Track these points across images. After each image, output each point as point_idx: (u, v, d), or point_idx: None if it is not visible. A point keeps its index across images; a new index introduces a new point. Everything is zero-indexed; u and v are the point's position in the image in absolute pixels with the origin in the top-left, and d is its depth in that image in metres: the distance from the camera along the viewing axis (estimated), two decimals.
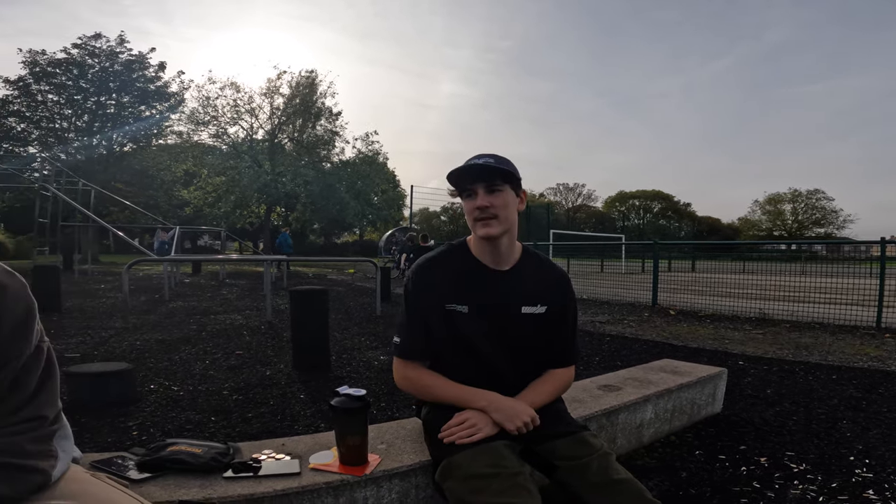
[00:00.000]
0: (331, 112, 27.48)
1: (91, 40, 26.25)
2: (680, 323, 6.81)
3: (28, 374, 0.92)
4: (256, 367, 3.82)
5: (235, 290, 10.02)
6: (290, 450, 1.53)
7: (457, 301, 1.44)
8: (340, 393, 1.40)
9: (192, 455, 1.34)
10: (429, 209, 39.18)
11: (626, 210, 63.77)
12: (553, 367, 1.54)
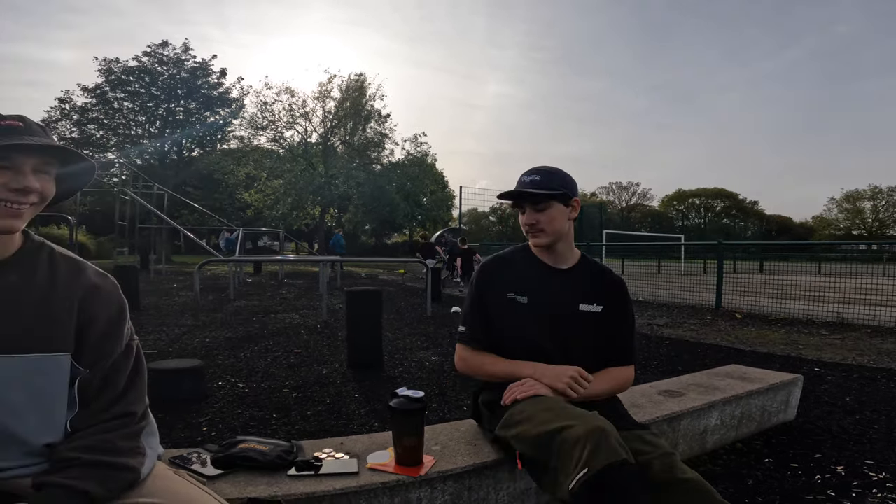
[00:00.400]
0: (380, 114, 28.08)
1: (159, 48, 27.95)
2: (747, 327, 6.44)
3: (118, 372, 0.95)
4: (314, 366, 3.97)
5: (293, 289, 10.44)
6: (348, 449, 1.59)
7: (517, 292, 1.58)
8: (399, 394, 1.43)
9: (259, 453, 1.41)
10: (477, 209, 39.18)
11: (685, 209, 60.91)
12: (611, 366, 1.59)
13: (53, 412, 0.90)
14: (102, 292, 0.96)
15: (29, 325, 0.87)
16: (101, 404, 0.93)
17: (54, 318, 0.90)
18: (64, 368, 0.90)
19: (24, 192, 0.85)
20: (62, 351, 0.90)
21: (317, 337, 5.24)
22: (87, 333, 0.92)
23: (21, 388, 0.86)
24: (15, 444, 0.87)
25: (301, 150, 27.00)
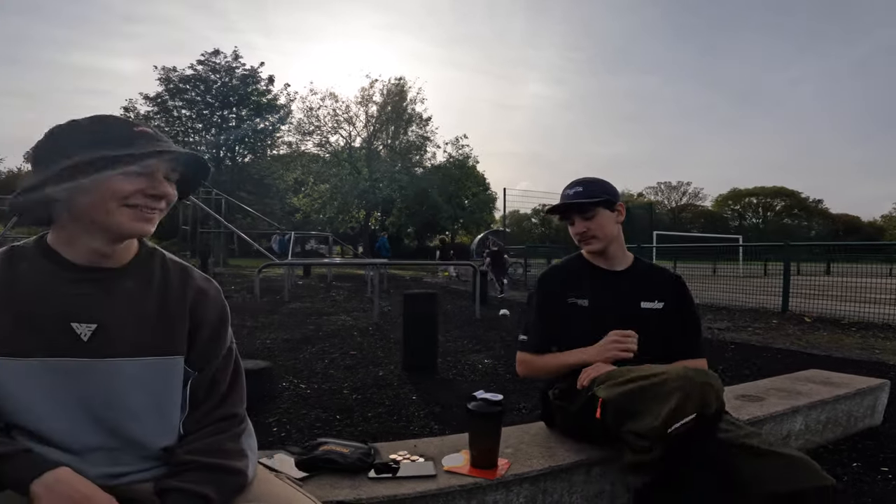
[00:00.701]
0: (421, 118, 28.41)
1: (211, 56, 29.03)
2: (818, 331, 6.07)
3: (222, 375, 0.98)
4: (369, 368, 4.05)
5: (342, 292, 10.68)
6: (422, 451, 1.60)
7: (577, 296, 1.66)
8: (477, 397, 1.44)
9: (341, 455, 1.45)
10: (518, 211, 38.78)
11: (741, 209, 57.99)
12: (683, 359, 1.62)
13: (169, 415, 0.92)
14: (209, 296, 0.99)
15: (147, 328, 0.90)
16: (208, 406, 0.95)
17: (170, 322, 0.92)
18: (178, 371, 0.93)
19: (159, 198, 0.88)
20: (177, 354, 0.92)
21: (369, 339, 5.34)
22: (197, 336, 0.95)
23: (141, 391, 0.88)
24: (134, 447, 0.89)
25: (346, 154, 27.66)
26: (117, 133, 0.85)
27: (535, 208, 45.37)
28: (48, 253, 0.88)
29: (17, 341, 0.82)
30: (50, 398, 0.83)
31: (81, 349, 0.85)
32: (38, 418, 0.83)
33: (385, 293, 10.03)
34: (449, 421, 2.88)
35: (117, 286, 0.89)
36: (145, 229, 0.87)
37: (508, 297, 10.63)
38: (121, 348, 0.87)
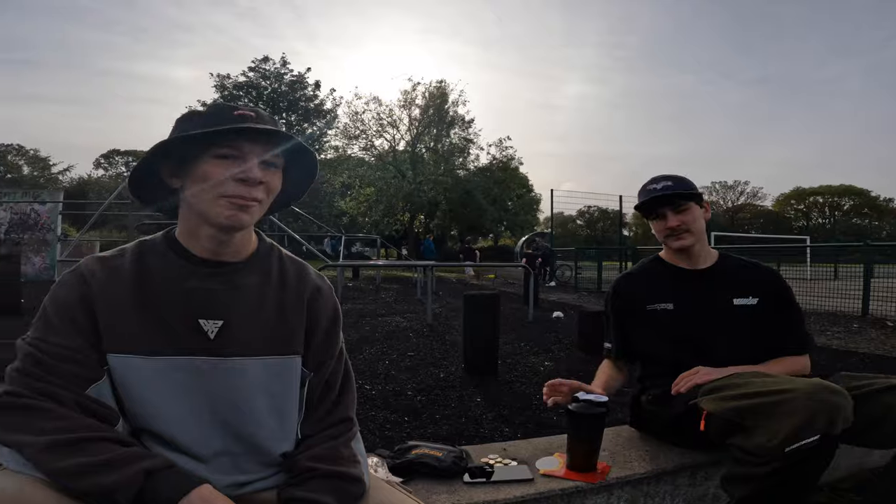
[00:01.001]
0: (463, 120, 28.43)
1: (261, 63, 29.91)
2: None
3: (335, 376, 0.94)
4: (430, 369, 4.04)
5: (391, 293, 10.81)
6: (513, 454, 1.57)
7: (660, 301, 1.61)
8: (580, 399, 1.39)
9: (436, 459, 1.42)
10: (563, 213, 38.03)
11: (805, 208, 54.62)
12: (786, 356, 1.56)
13: (288, 418, 0.88)
14: (324, 294, 0.94)
15: (268, 326, 0.86)
16: (323, 410, 0.91)
17: (288, 320, 0.88)
18: (297, 372, 0.88)
19: (250, 183, 0.79)
20: (296, 353, 0.88)
21: (425, 340, 5.35)
22: (313, 335, 0.91)
23: (263, 393, 0.84)
24: (256, 453, 0.85)
25: (390, 157, 28.06)
26: (217, 117, 0.80)
27: (579, 210, 44.54)
28: (175, 246, 0.85)
29: (147, 339, 0.79)
30: (179, 400, 0.80)
31: (208, 347, 0.81)
32: (168, 422, 0.79)
33: (434, 295, 10.06)
34: (518, 424, 2.83)
35: (240, 281, 0.86)
36: (241, 220, 0.80)
37: (558, 298, 10.44)
38: (244, 347, 0.83)
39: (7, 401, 0.71)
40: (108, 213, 11.53)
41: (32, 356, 0.74)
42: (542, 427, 2.77)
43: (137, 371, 0.78)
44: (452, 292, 11.13)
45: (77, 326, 0.77)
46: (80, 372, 0.75)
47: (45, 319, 0.78)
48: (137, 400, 0.79)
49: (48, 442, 0.67)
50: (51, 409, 0.71)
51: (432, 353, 4.66)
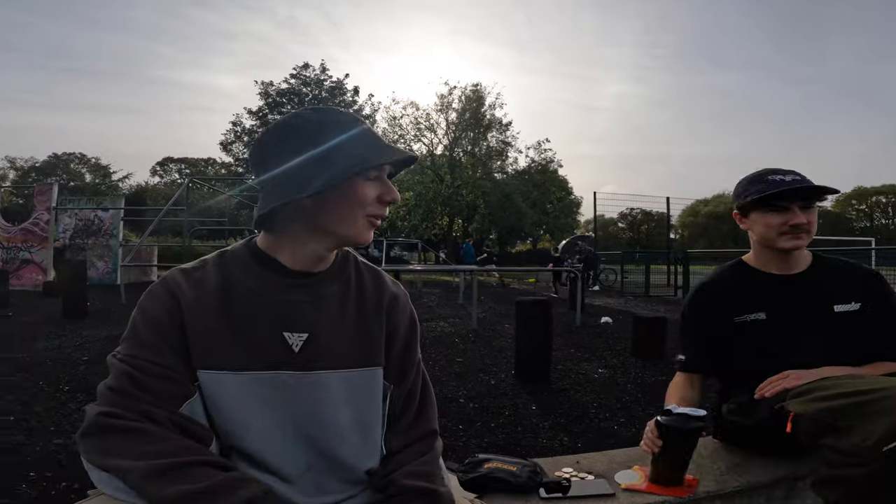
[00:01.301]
0: (500, 123, 28.26)
1: (302, 70, 30.16)
2: None
3: (415, 387, 0.90)
4: (479, 376, 3.99)
5: (434, 298, 10.83)
6: (588, 468, 1.49)
7: (751, 311, 1.47)
8: (673, 412, 1.31)
9: (510, 473, 1.36)
10: (604, 216, 37.15)
11: (867, 209, 51.24)
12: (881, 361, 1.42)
13: (372, 433, 0.84)
14: (401, 301, 0.90)
15: (349, 338, 0.83)
16: (406, 423, 0.87)
17: (369, 331, 0.85)
18: (379, 384, 0.85)
19: (391, 203, 0.83)
20: (377, 365, 0.85)
21: (471, 346, 5.31)
22: (392, 345, 0.87)
23: (346, 407, 0.81)
24: (339, 470, 0.81)
25: (428, 161, 28.22)
26: (351, 130, 0.80)
27: (621, 213, 43.41)
28: (261, 258, 0.81)
29: (233, 354, 0.76)
30: (265, 416, 0.77)
31: (293, 361, 0.78)
32: (255, 439, 0.77)
33: (477, 300, 10.01)
34: (577, 433, 2.75)
35: (323, 292, 0.83)
36: (370, 238, 0.83)
37: (604, 303, 10.17)
38: (327, 360, 0.80)
39: (105, 422, 0.68)
40: (164, 220, 12.10)
41: (126, 374, 0.72)
42: (604, 436, 2.68)
43: (226, 387, 0.76)
44: (494, 297, 11.04)
45: (168, 342, 0.75)
46: (175, 390, 0.73)
47: (135, 334, 0.75)
48: (226, 417, 0.76)
49: (148, 467, 0.65)
50: (148, 430, 0.68)
51: (481, 360, 4.60)
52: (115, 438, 0.67)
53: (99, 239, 12.42)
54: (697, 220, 45.39)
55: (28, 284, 11.08)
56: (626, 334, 5.86)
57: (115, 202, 13.60)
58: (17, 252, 11.57)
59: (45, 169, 39.84)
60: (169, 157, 46.68)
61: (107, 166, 42.67)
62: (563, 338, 5.77)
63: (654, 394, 3.57)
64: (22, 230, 11.73)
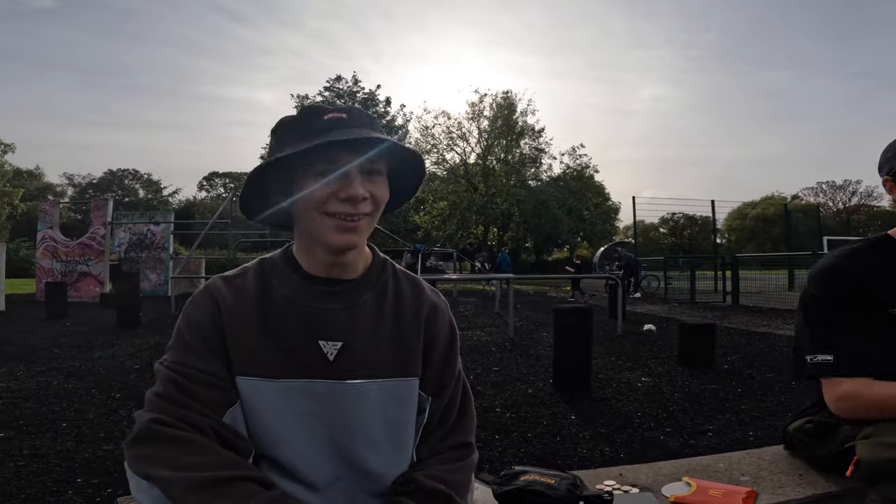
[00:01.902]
0: (533, 129, 28.04)
1: (335, 83, 31.01)
2: None
3: (453, 399, 0.87)
4: (517, 384, 3.90)
5: (469, 307, 10.76)
6: (631, 480, 1.40)
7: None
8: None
9: (548, 486, 1.29)
10: (644, 221, 36.07)
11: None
12: None
13: (404, 445, 0.82)
14: (440, 311, 0.87)
15: (385, 347, 0.81)
16: (441, 434, 0.85)
17: (406, 340, 0.83)
18: (414, 395, 0.83)
19: (353, 200, 0.74)
20: (413, 376, 0.82)
21: (508, 354, 5.21)
22: (430, 356, 0.84)
23: (379, 417, 0.80)
24: (368, 481, 0.80)
25: (461, 170, 28.29)
26: (310, 124, 0.75)
27: (662, 217, 42.15)
28: (294, 265, 0.81)
29: (270, 361, 0.76)
30: (297, 425, 0.76)
31: (327, 370, 0.77)
32: (287, 447, 0.76)
33: (514, 308, 9.88)
34: (619, 443, 2.62)
35: (357, 300, 0.81)
36: (349, 240, 0.75)
37: (646, 311, 9.82)
38: (362, 369, 0.79)
39: (155, 429, 0.69)
40: (210, 233, 12.61)
41: (173, 381, 0.73)
42: (649, 447, 2.54)
43: (263, 395, 0.76)
44: (531, 305, 10.87)
45: (212, 347, 0.75)
46: (219, 396, 0.74)
47: (181, 342, 0.76)
48: (261, 425, 0.76)
49: (191, 479, 0.65)
50: (194, 441, 0.69)
51: (518, 368, 4.51)
52: (161, 447, 0.68)
53: (151, 252, 13.04)
54: (745, 224, 43.47)
55: (86, 296, 11.73)
56: (671, 342, 5.62)
57: (166, 216, 14.28)
58: (75, 265, 12.30)
59: (101, 185, 42.27)
60: (214, 172, 48.73)
61: (158, 181, 44.96)
62: (603, 346, 5.59)
63: (702, 403, 3.38)
64: (80, 244, 12.46)
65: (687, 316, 8.63)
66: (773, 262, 13.83)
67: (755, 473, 1.38)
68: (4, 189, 34.82)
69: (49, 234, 12.54)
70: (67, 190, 42.27)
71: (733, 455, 1.55)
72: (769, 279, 11.99)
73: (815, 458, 1.35)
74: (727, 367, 4.54)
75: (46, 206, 13.49)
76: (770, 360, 4.90)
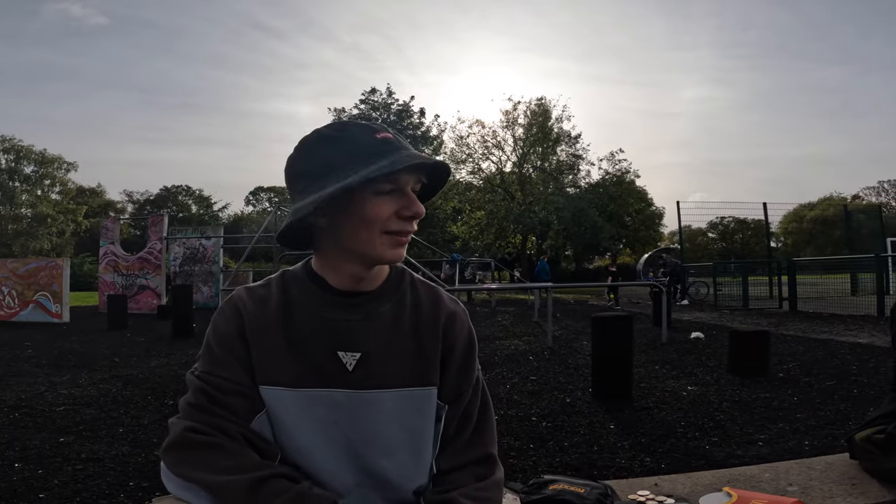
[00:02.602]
0: (569, 136, 27.61)
1: (370, 95, 31.03)
2: None
3: (472, 407, 0.87)
4: (554, 394, 3.83)
5: (508, 316, 10.66)
6: (667, 491, 1.35)
7: None
8: None
9: (577, 496, 1.27)
10: (691, 226, 34.52)
11: None
12: None
13: (422, 453, 0.83)
14: (458, 319, 0.88)
15: (403, 356, 0.82)
16: (460, 444, 0.85)
17: (424, 349, 0.84)
18: (432, 403, 0.83)
19: (413, 218, 0.77)
20: (431, 385, 0.83)
21: (546, 363, 5.13)
22: (447, 363, 0.85)
23: (397, 426, 0.81)
24: (386, 489, 0.81)
25: (498, 179, 28.15)
26: (361, 142, 0.76)
27: (711, 221, 40.32)
28: (315, 278, 0.83)
29: (291, 371, 0.79)
30: (318, 433, 0.79)
31: (346, 380, 0.80)
32: (306, 455, 0.79)
33: (553, 317, 9.72)
34: (661, 453, 2.52)
35: (376, 311, 0.83)
36: (401, 255, 0.79)
37: (694, 318, 9.42)
38: (380, 379, 0.81)
39: (190, 437, 0.73)
40: (256, 246, 13.11)
41: (203, 390, 0.77)
42: (693, 457, 2.43)
43: (285, 403, 0.78)
44: (570, 314, 10.65)
45: (237, 357, 0.79)
46: (246, 404, 0.77)
47: (209, 351, 0.80)
48: (284, 432, 0.79)
49: (225, 482, 0.70)
50: (225, 446, 0.73)
51: (555, 377, 4.42)
52: (197, 453, 0.73)
53: (203, 266, 13.68)
54: (802, 227, 41.04)
55: (144, 308, 12.41)
56: (720, 350, 5.37)
57: (216, 231, 14.98)
58: (134, 279, 13.05)
59: (157, 201, 44.46)
60: (260, 187, 50.66)
61: (208, 197, 47.17)
62: (646, 354, 5.40)
63: (752, 411, 3.21)
64: (138, 258, 13.23)
65: (739, 323, 8.21)
66: (834, 266, 13.02)
67: (804, 483, 1.31)
68: (69, 207, 37.46)
69: (111, 250, 13.37)
70: (127, 206, 44.75)
71: (781, 465, 1.47)
72: (830, 284, 11.29)
73: (882, 470, 1.27)
74: (782, 376, 4.29)
75: (108, 222, 14.41)
76: (830, 367, 4.59)
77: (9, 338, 7.49)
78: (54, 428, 3.10)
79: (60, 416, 3.38)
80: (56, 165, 36.74)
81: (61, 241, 36.10)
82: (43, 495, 2.15)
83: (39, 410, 3.49)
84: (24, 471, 2.41)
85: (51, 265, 10.61)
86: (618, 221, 27.84)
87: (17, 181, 35.41)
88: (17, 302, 10.29)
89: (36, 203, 35.82)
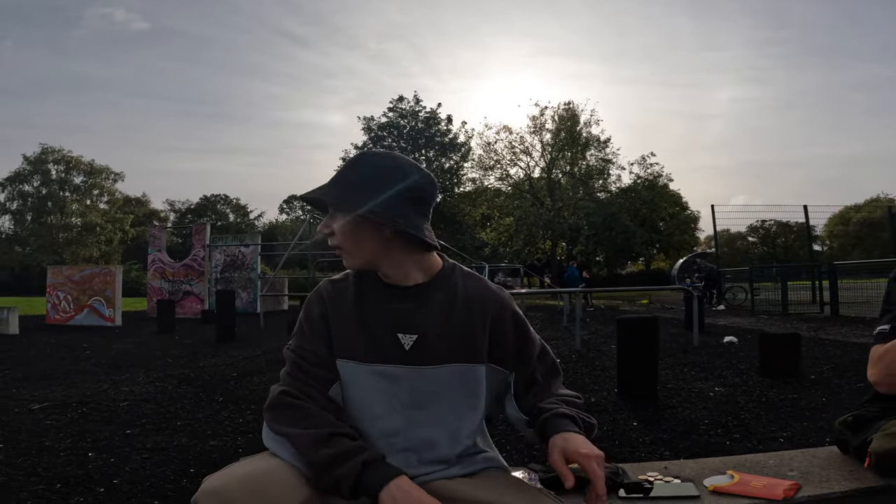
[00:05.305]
0: (598, 140, 27.25)
1: (398, 103, 31.00)
2: None
3: (542, 361, 1.03)
4: (580, 393, 3.92)
5: (536, 322, 10.70)
6: (675, 473, 1.47)
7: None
8: None
9: None
10: (729, 230, 33.52)
11: None
12: None
13: (467, 423, 0.98)
14: (503, 302, 1.03)
15: (455, 338, 0.96)
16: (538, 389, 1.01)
17: (472, 331, 0.98)
18: (480, 378, 0.98)
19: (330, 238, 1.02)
20: (479, 362, 0.97)
21: (573, 366, 5.21)
22: (502, 339, 1.00)
23: (446, 399, 0.96)
24: (432, 452, 0.95)
25: (526, 185, 28.01)
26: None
27: (751, 225, 39.01)
28: (376, 275, 1.01)
29: (361, 348, 0.95)
30: (379, 402, 0.94)
31: (404, 357, 0.95)
32: (368, 421, 0.94)
33: (582, 321, 9.72)
34: (681, 448, 2.61)
35: (429, 299, 0.98)
36: (346, 264, 1.01)
37: (730, 323, 9.25)
38: (433, 356, 0.95)
39: (283, 399, 0.92)
40: (291, 254, 13.55)
41: (294, 362, 0.96)
42: (712, 452, 2.51)
43: (355, 375, 0.95)
44: (600, 319, 10.62)
45: (321, 337, 0.97)
46: (327, 375, 0.95)
47: (301, 330, 1.00)
48: (351, 400, 0.96)
49: (306, 435, 0.87)
50: (309, 408, 0.91)
51: (581, 379, 4.52)
52: (288, 412, 0.93)
53: (242, 272, 14.23)
54: (848, 229, 39.21)
55: (189, 313, 13.01)
56: (752, 353, 5.34)
57: (254, 239, 15.54)
58: (180, 285, 13.72)
59: (197, 210, 45.76)
60: (293, 195, 51.65)
61: (245, 206, 48.31)
62: (675, 357, 5.41)
63: (778, 411, 3.24)
64: (183, 265, 13.90)
65: (777, 328, 8.05)
66: (880, 270, 12.48)
67: (805, 469, 1.40)
68: (116, 216, 39.20)
69: (158, 257, 14.09)
70: (169, 215, 46.05)
71: (785, 453, 1.56)
72: (875, 288, 10.84)
73: (853, 448, 1.38)
74: (813, 377, 4.26)
75: (155, 231, 15.19)
76: (864, 370, 4.48)
77: (67, 340, 8.04)
78: (120, 421, 3.35)
79: (124, 410, 3.65)
80: (104, 175, 38.39)
81: (109, 249, 37.68)
82: (116, 481, 2.33)
83: (105, 406, 3.77)
84: (97, 459, 2.60)
85: (104, 272, 11.31)
86: (650, 226, 27.31)
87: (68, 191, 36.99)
88: (73, 307, 10.97)
89: (85, 212, 37.33)
